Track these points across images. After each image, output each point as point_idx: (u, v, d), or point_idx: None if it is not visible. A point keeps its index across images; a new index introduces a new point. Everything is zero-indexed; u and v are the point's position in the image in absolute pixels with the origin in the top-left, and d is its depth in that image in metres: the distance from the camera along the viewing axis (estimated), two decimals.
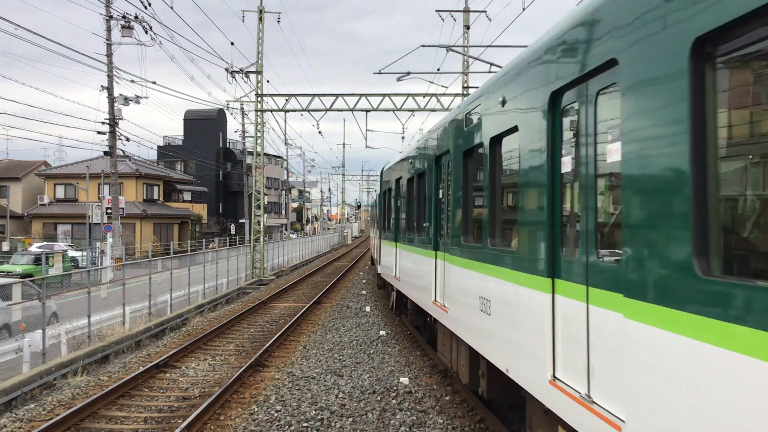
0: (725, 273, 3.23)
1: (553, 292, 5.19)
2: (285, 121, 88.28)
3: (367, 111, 30.86)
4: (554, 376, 5.12)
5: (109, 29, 32.72)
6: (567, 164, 5.03)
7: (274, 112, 36.61)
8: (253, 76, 32.99)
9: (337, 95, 30.83)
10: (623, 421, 3.98)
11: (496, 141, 6.89)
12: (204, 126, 73.04)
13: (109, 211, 36.25)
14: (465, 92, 29.71)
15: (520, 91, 6.03)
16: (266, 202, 40.70)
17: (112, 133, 33.41)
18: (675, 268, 3.45)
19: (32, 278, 19.42)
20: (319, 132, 55.17)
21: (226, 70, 32.29)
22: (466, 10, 30.25)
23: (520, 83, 6.00)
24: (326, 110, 31.12)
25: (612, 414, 4.16)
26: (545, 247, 5.24)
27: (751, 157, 3.21)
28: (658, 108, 3.59)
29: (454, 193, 8.70)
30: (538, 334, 5.35)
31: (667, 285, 3.52)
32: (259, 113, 33.44)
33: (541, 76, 5.43)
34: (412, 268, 12.62)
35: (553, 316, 5.18)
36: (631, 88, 3.88)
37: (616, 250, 4.29)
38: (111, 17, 32.41)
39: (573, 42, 4.83)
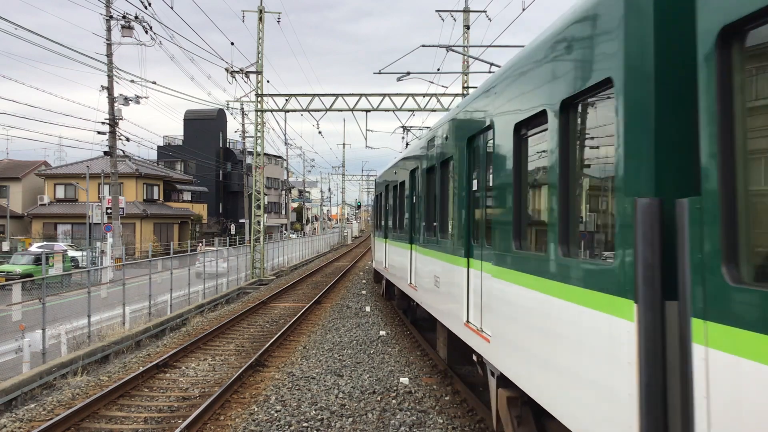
0: (526, 248, 5.64)
1: (468, 266, 7.86)
2: (285, 121, 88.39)
3: (367, 111, 30.86)
4: (468, 320, 7.86)
5: (109, 29, 32.73)
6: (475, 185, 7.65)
7: (274, 112, 36.63)
8: (253, 76, 33.01)
9: (337, 95, 30.83)
10: (490, 336, 6.64)
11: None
12: (204, 126, 73.02)
13: (109, 211, 36.26)
14: (465, 92, 29.71)
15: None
16: (266, 202, 40.71)
17: (112, 133, 33.42)
18: (509, 243, 5.94)
19: (32, 278, 19.45)
20: (319, 132, 55.26)
21: (226, 70, 32.31)
22: (466, 10, 30.26)
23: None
24: (326, 110, 31.12)
25: (487, 333, 6.80)
26: (464, 237, 8.02)
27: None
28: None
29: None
30: (458, 295, 8.21)
31: (505, 254, 6.06)
32: (259, 113, 33.44)
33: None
34: None
35: (468, 282, 7.85)
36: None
37: (489, 236, 6.81)
38: (111, 17, 32.43)
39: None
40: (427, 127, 28.69)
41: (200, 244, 34.37)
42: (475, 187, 7.84)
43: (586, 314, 4.31)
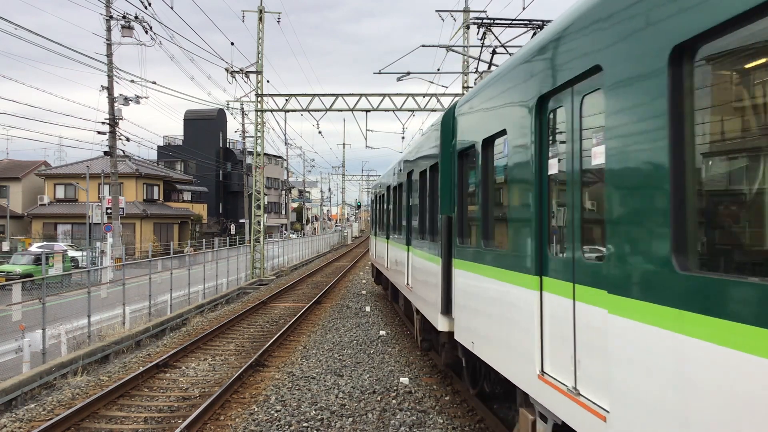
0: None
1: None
2: (285, 121, 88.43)
3: (367, 111, 30.85)
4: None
5: (109, 29, 32.72)
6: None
7: (274, 112, 36.63)
8: (253, 76, 33.00)
9: (337, 95, 30.82)
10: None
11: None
12: (204, 126, 73.00)
13: (109, 211, 36.25)
14: (465, 92, 29.71)
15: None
16: (266, 202, 40.70)
17: (112, 133, 33.41)
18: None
19: (32, 278, 19.44)
20: (319, 132, 55.26)
21: (226, 70, 32.29)
22: (466, 10, 30.26)
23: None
24: (326, 110, 31.11)
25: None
26: (405, 234, 12.52)
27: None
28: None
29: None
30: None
31: (424, 241, 10.26)
32: (259, 113, 33.45)
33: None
34: None
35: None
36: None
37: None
38: (111, 17, 32.42)
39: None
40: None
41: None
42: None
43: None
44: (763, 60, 3.04)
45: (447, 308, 8.95)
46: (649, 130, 3.65)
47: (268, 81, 44.74)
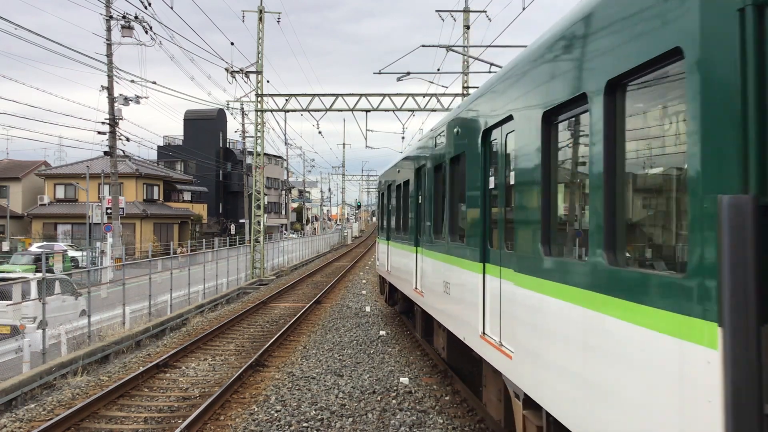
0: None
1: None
2: (285, 121, 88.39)
3: (367, 111, 30.84)
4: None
5: (109, 29, 32.73)
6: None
7: (274, 112, 36.64)
8: (253, 76, 33.01)
9: (337, 95, 30.83)
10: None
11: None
12: (204, 126, 72.97)
13: (109, 211, 36.25)
14: (465, 92, 29.71)
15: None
16: (266, 202, 40.70)
17: (112, 133, 33.41)
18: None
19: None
20: (319, 132, 55.30)
21: (226, 70, 32.29)
22: (466, 10, 30.27)
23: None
24: (326, 110, 31.11)
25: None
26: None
27: None
28: None
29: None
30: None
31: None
32: (259, 113, 33.45)
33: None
34: None
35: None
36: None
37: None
38: (111, 17, 32.42)
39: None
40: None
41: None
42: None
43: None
44: None
45: None
46: None
47: (268, 81, 44.79)
